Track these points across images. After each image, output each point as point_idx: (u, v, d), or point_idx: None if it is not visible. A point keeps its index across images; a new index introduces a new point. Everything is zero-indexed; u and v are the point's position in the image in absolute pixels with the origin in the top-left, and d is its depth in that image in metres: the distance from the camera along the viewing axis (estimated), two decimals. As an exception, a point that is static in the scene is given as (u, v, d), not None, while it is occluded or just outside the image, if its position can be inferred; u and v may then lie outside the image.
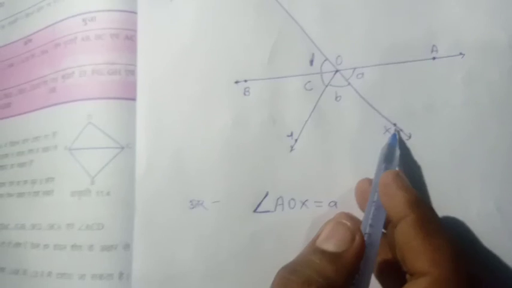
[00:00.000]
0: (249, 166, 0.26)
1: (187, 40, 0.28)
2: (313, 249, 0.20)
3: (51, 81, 0.30)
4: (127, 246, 0.27)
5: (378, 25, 0.25)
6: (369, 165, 0.24)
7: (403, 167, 0.24)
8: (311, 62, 0.26)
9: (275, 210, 0.25)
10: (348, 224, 0.20)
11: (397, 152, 0.23)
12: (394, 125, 0.24)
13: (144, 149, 0.27)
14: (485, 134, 0.23)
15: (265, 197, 0.26)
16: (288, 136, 0.26)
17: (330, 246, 0.19)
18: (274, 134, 0.26)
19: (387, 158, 0.23)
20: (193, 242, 0.26)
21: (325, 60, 0.26)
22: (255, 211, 0.26)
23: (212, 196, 0.26)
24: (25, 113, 0.31)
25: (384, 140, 0.24)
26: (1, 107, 0.33)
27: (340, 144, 0.25)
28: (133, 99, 0.28)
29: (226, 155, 0.26)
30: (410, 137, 0.24)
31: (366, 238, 0.20)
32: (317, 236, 0.21)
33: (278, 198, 0.25)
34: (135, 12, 0.29)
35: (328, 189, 0.25)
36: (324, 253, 0.19)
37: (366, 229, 0.20)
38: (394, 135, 0.24)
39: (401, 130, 0.24)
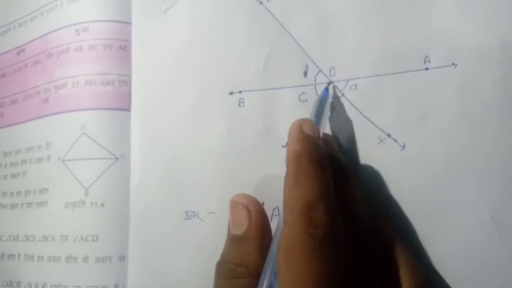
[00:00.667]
0: (244, 177, 0.26)
1: (182, 51, 0.28)
2: (228, 238, 0.21)
3: (44, 91, 0.30)
4: (122, 258, 0.26)
5: (371, 37, 0.25)
6: (363, 174, 0.24)
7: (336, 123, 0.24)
8: (305, 74, 0.26)
9: (271, 220, 0.25)
10: (239, 203, 0.21)
11: (328, 107, 0.23)
12: (388, 135, 0.25)
13: (139, 160, 0.27)
14: (479, 143, 0.23)
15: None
16: (283, 147, 0.26)
17: (235, 230, 0.21)
18: (269, 144, 0.26)
19: (317, 113, 0.23)
20: (188, 253, 0.26)
21: (318, 72, 0.26)
22: (250, 222, 0.25)
23: (207, 207, 0.26)
24: (18, 123, 0.31)
25: (379, 150, 0.24)
26: (-6, 117, 0.33)
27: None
28: (127, 109, 0.28)
29: (221, 166, 0.26)
30: (404, 147, 0.24)
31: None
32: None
33: (274, 209, 0.25)
34: (128, 23, 0.29)
35: (323, 200, 0.25)
36: (233, 239, 0.21)
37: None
38: (326, 89, 0.24)
39: (395, 140, 0.24)
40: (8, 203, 0.30)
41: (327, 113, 0.24)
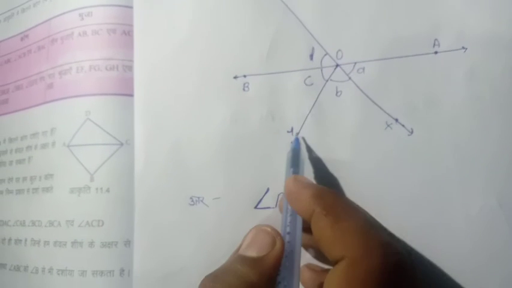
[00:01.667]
0: (249, 162, 0.26)
1: (185, 35, 0.27)
2: (236, 257, 0.20)
3: (48, 77, 0.30)
4: (128, 243, 0.26)
5: (379, 19, 0.25)
6: (370, 160, 0.24)
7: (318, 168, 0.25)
8: (311, 57, 0.26)
9: (276, 206, 0.25)
10: (268, 229, 0.20)
11: (302, 155, 0.24)
12: (396, 120, 0.24)
13: (143, 146, 0.27)
14: (487, 129, 0.23)
15: (265, 194, 0.25)
16: (288, 132, 0.26)
17: (251, 252, 0.20)
18: (274, 129, 0.26)
19: (293, 163, 0.23)
20: (194, 238, 0.26)
21: (325, 55, 0.26)
22: (255, 207, 0.25)
23: (212, 192, 0.26)
24: (23, 109, 0.31)
25: (386, 135, 0.24)
26: (-1, 103, 0.33)
27: (341, 140, 0.25)
28: (132, 95, 0.28)
29: (226, 151, 0.26)
30: (412, 132, 0.24)
31: (285, 246, 0.20)
32: (239, 246, 0.21)
33: (279, 195, 0.25)
34: (131, 7, 0.28)
35: (328, 185, 0.25)
36: (245, 259, 0.19)
37: (285, 238, 0.20)
38: (296, 140, 0.24)
39: (403, 125, 0.24)
40: (14, 189, 0.30)
41: (303, 160, 0.24)
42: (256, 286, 0.18)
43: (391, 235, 0.19)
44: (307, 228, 0.20)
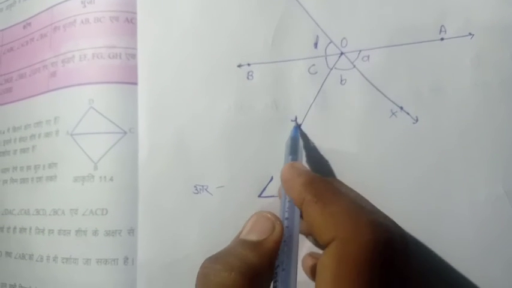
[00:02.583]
0: (253, 151, 0.26)
1: (188, 23, 0.27)
2: (237, 241, 0.20)
3: (51, 65, 0.30)
4: (131, 231, 0.27)
5: (384, 5, 0.25)
6: (374, 149, 0.24)
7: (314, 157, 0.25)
8: (315, 45, 0.25)
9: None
10: (268, 215, 0.21)
11: (301, 143, 0.24)
12: (401, 108, 0.24)
13: (147, 134, 0.27)
14: (494, 117, 0.23)
15: (269, 182, 0.25)
16: (292, 121, 0.26)
17: (252, 236, 0.20)
18: (278, 118, 0.26)
19: (292, 151, 0.23)
20: (197, 227, 0.26)
21: (329, 43, 0.25)
22: (259, 196, 0.25)
23: (216, 181, 0.26)
24: (26, 98, 0.31)
25: (391, 123, 0.24)
26: (2, 92, 0.33)
27: (346, 129, 0.25)
28: (135, 83, 0.28)
29: (230, 140, 0.26)
30: (417, 120, 0.24)
31: (284, 231, 0.20)
32: (240, 231, 0.21)
33: (282, 183, 0.25)
34: (134, -6, 0.28)
35: (332, 173, 0.25)
36: (246, 242, 0.20)
37: (283, 223, 0.20)
38: (295, 128, 0.24)
39: (408, 113, 0.24)
40: (18, 178, 0.30)
41: (301, 148, 0.24)
42: (256, 268, 0.18)
43: (384, 217, 0.19)
44: None
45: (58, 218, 0.28)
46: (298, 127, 0.25)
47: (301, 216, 0.21)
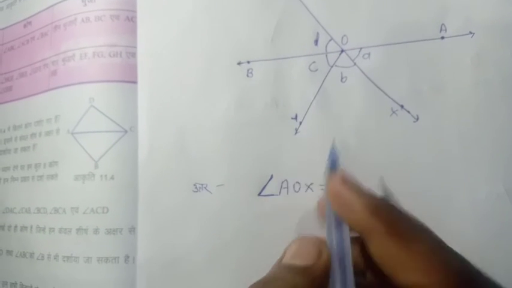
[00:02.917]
0: (253, 149, 0.26)
1: (188, 21, 0.27)
2: (281, 265, 0.19)
3: (52, 64, 0.30)
4: (132, 230, 0.27)
5: (385, 3, 0.24)
6: (375, 147, 0.24)
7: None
8: (316, 42, 0.25)
9: (279, 193, 0.25)
10: (314, 240, 0.19)
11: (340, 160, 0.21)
12: (401, 106, 0.24)
13: (147, 133, 0.27)
14: (494, 115, 0.23)
15: (269, 181, 0.25)
16: (292, 118, 0.25)
17: (298, 261, 0.18)
18: (278, 116, 0.26)
19: (332, 167, 0.21)
20: (197, 225, 0.26)
21: (330, 40, 0.25)
22: (259, 194, 0.25)
23: (216, 179, 0.26)
24: (27, 96, 0.31)
25: (391, 122, 0.24)
26: (2, 90, 0.33)
27: (346, 127, 0.25)
28: (136, 82, 0.28)
29: (229, 138, 0.26)
30: (417, 118, 0.24)
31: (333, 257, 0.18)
32: (282, 257, 0.19)
33: (283, 182, 0.25)
34: (135, -7, 0.28)
35: (333, 172, 0.25)
36: (291, 267, 0.18)
37: (331, 248, 0.19)
38: (332, 151, 0.22)
39: (408, 112, 0.24)
40: (19, 176, 0.30)
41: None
42: None
43: (461, 257, 0.18)
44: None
45: (59, 217, 0.28)
46: (335, 149, 0.22)
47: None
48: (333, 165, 0.21)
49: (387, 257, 0.17)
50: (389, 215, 0.17)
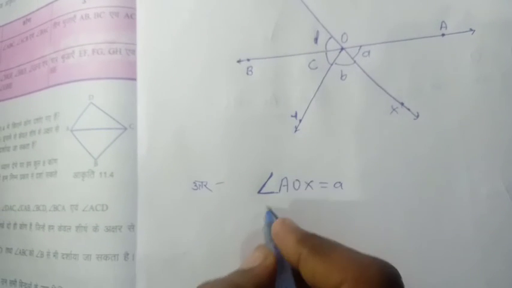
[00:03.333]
0: (253, 147, 0.26)
1: (188, 19, 0.27)
2: (232, 272, 0.21)
3: (51, 61, 0.30)
4: (132, 227, 0.27)
5: (385, 1, 0.24)
6: (375, 145, 0.24)
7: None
8: (315, 40, 0.25)
9: (279, 191, 0.25)
10: (263, 248, 0.22)
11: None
12: (402, 104, 0.24)
13: (146, 130, 0.27)
14: (494, 113, 0.23)
15: (269, 178, 0.25)
16: (292, 116, 0.25)
17: (245, 266, 0.22)
18: (278, 114, 0.26)
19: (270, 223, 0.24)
20: (197, 223, 0.26)
21: (330, 38, 0.25)
22: (259, 192, 0.25)
23: (216, 177, 0.26)
24: (26, 94, 0.31)
25: (391, 119, 0.24)
26: (2, 88, 0.33)
27: (346, 125, 0.25)
28: (135, 79, 0.28)
29: (229, 136, 0.26)
30: (418, 116, 0.24)
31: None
32: None
33: (283, 179, 0.25)
34: (134, -10, 0.28)
35: (333, 170, 0.25)
36: (238, 271, 0.21)
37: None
38: (268, 214, 0.24)
39: (409, 109, 0.24)
40: (18, 174, 0.30)
41: None
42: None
43: (374, 258, 0.20)
44: None
45: (58, 214, 0.28)
46: (269, 212, 0.25)
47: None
48: (270, 221, 0.24)
49: (314, 273, 0.19)
50: (311, 241, 0.20)
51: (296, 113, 0.25)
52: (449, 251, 0.23)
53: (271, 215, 0.24)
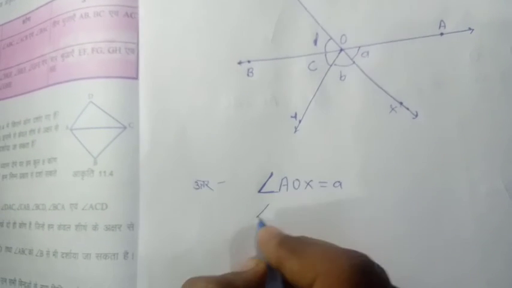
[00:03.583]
0: (253, 147, 0.26)
1: (189, 20, 0.27)
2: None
3: (50, 60, 0.30)
4: (131, 226, 0.27)
5: (383, 1, 0.25)
6: (374, 145, 0.24)
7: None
8: (315, 42, 0.26)
9: (279, 190, 0.25)
10: (255, 259, 0.23)
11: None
12: (401, 103, 0.24)
13: (148, 129, 0.27)
14: (494, 112, 0.23)
15: (269, 178, 0.25)
16: (292, 117, 0.26)
17: (238, 269, 0.23)
18: (278, 115, 0.26)
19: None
20: (198, 222, 0.26)
21: (329, 40, 0.25)
22: (259, 191, 0.25)
23: (217, 176, 0.26)
24: (26, 93, 0.31)
25: (391, 119, 0.24)
26: (1, 87, 0.33)
27: (345, 125, 0.25)
28: (134, 78, 0.28)
29: (230, 136, 0.26)
30: (417, 115, 0.24)
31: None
32: None
33: (283, 179, 0.25)
34: (135, -11, 0.28)
35: (332, 169, 0.25)
36: (228, 272, 0.22)
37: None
38: (260, 223, 0.25)
39: (408, 109, 0.24)
40: (17, 173, 0.30)
41: None
42: (235, 285, 0.20)
43: (352, 251, 0.20)
44: None
45: (58, 213, 0.28)
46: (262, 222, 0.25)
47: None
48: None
49: (293, 273, 0.20)
50: (290, 243, 0.21)
51: (296, 114, 0.26)
52: (449, 250, 0.23)
53: (262, 225, 0.25)
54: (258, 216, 0.25)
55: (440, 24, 0.24)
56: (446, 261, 0.23)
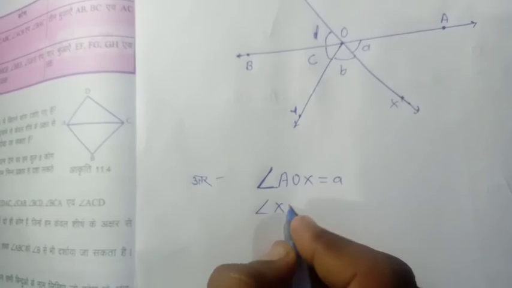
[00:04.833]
0: (252, 141, 0.25)
1: (187, 13, 0.27)
2: (254, 261, 0.22)
3: (47, 54, 0.29)
4: (129, 222, 0.26)
5: (386, -7, 0.24)
6: (375, 139, 0.24)
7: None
8: (315, 35, 0.25)
9: (279, 186, 0.25)
10: (285, 245, 0.22)
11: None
12: (402, 98, 0.24)
13: (145, 124, 0.27)
14: (496, 106, 0.22)
15: (269, 173, 0.25)
16: (292, 111, 0.25)
17: (264, 258, 0.22)
18: (277, 109, 0.25)
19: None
20: (196, 218, 0.26)
21: (329, 33, 0.25)
22: (259, 187, 0.25)
23: (216, 172, 0.26)
24: (22, 88, 0.31)
25: (392, 113, 0.24)
26: (-3, 82, 0.32)
27: (346, 119, 0.24)
28: (132, 72, 0.27)
29: (229, 130, 0.26)
30: (418, 110, 0.24)
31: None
32: None
33: (282, 174, 0.25)
34: (132, -18, 0.28)
35: (332, 164, 0.25)
36: (259, 260, 0.21)
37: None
38: (290, 211, 0.24)
39: (409, 103, 0.24)
40: (14, 168, 0.30)
41: None
42: (266, 278, 0.19)
43: (388, 254, 0.20)
44: None
45: (55, 209, 0.27)
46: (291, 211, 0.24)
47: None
48: (291, 218, 0.24)
49: (328, 267, 0.19)
50: (326, 237, 0.21)
51: (296, 108, 0.25)
52: (450, 245, 0.23)
53: (292, 212, 0.24)
54: (289, 204, 0.24)
55: (442, 17, 0.23)
56: (446, 256, 0.23)
